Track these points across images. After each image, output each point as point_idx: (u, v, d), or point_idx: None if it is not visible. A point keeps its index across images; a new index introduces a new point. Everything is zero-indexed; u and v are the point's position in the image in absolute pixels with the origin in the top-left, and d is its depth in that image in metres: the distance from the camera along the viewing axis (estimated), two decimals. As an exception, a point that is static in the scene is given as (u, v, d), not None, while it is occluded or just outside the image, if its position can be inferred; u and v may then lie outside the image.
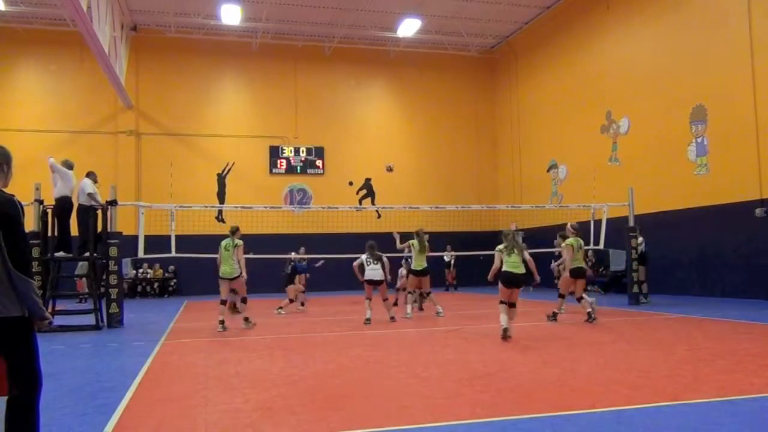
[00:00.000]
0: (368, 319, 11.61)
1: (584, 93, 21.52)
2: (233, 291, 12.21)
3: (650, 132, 18.41)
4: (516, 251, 9.19)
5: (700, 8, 16.80)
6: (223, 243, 11.56)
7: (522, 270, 9.19)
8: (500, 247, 9.34)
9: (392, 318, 12.02)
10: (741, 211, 15.17)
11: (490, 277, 9.56)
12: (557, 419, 4.56)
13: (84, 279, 15.94)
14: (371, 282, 11.94)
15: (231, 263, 11.36)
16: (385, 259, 12.12)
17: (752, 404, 4.92)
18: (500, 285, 9.26)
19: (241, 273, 11.51)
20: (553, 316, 11.46)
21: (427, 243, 13.23)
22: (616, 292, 17.69)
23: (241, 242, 11.54)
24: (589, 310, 10.97)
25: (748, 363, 6.75)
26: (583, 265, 11.87)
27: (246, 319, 11.57)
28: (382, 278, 11.94)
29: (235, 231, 11.65)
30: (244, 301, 12.16)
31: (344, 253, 15.46)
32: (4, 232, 3.25)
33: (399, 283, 15.92)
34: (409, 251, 13.28)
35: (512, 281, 9.15)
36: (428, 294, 13.48)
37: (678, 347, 8.03)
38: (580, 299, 11.39)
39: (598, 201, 17.49)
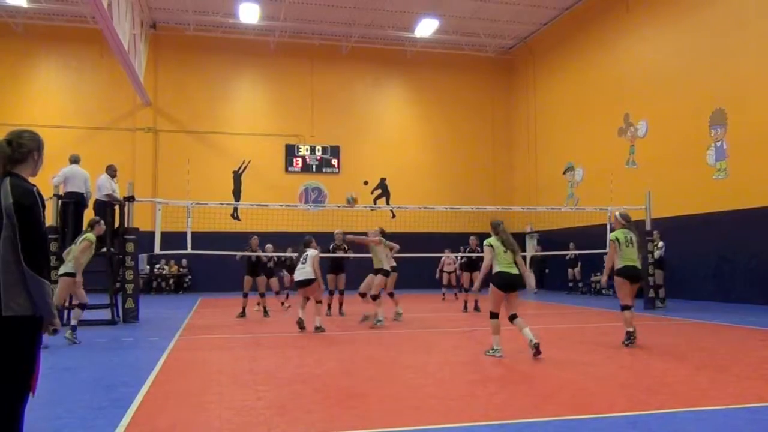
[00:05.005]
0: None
1: (602, 95, 21.36)
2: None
3: (669, 135, 18.22)
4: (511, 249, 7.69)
5: (720, 11, 16.61)
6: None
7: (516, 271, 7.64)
8: (493, 241, 7.75)
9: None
10: (760, 216, 14.98)
11: (479, 282, 8.50)
12: (571, 422, 4.53)
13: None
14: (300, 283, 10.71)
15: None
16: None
17: (770, 412, 4.86)
18: (493, 289, 7.58)
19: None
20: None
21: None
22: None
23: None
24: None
25: (766, 370, 6.67)
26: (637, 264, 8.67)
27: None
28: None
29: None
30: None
31: (357, 252, 15.47)
32: (19, 224, 2.94)
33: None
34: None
35: (510, 284, 7.56)
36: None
37: (694, 353, 7.96)
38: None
39: (615, 204, 17.35)
